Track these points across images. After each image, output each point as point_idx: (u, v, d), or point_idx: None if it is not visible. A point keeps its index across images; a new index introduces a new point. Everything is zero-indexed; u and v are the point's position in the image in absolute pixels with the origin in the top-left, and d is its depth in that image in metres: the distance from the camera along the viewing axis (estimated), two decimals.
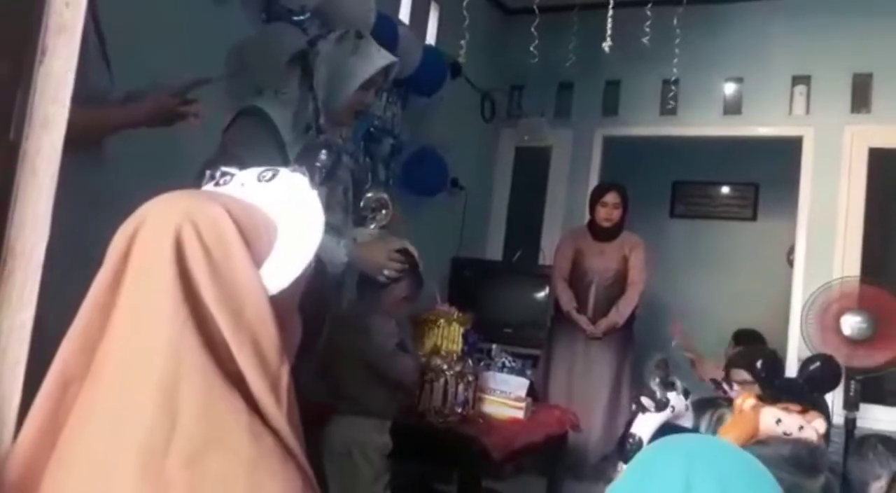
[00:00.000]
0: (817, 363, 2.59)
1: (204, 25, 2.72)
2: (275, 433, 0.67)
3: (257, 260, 0.72)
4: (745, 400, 1.47)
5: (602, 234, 3.79)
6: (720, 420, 1.96)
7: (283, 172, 0.81)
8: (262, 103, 1.88)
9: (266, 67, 2.56)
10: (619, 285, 3.76)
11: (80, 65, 0.86)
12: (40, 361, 0.81)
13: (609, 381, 3.66)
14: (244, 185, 0.81)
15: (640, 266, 3.76)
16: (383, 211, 2.37)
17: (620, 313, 3.69)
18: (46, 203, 0.87)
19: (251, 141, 1.81)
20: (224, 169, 0.83)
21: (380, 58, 1.91)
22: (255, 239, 0.72)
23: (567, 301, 3.75)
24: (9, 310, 0.84)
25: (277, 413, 0.67)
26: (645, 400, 1.70)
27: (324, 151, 1.91)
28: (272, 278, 0.73)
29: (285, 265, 0.74)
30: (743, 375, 2.88)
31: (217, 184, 0.82)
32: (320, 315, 1.95)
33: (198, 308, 0.67)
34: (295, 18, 2.87)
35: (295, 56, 1.93)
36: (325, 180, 1.91)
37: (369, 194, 2.38)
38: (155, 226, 0.70)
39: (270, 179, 0.80)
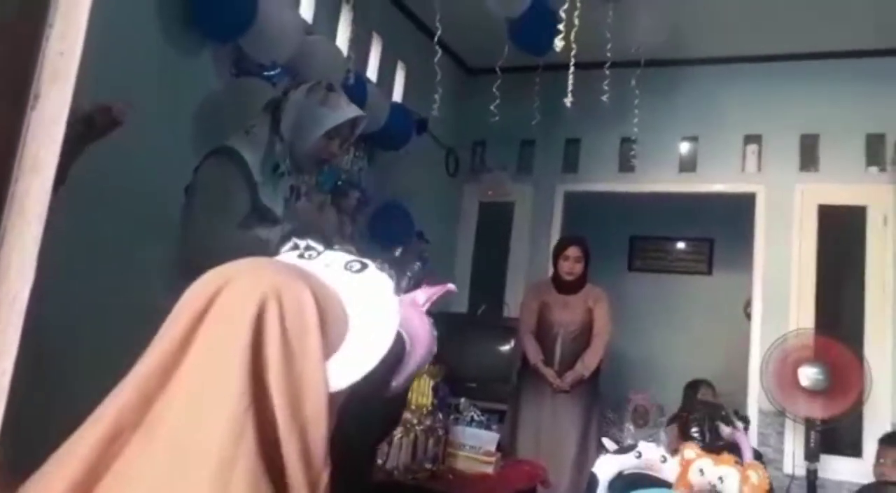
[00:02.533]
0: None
1: (174, 79, 2.73)
2: None
3: (325, 353, 0.70)
4: (684, 450, 1.47)
5: (566, 287, 3.83)
6: None
7: (372, 267, 0.80)
8: (233, 143, 1.91)
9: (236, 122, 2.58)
10: (584, 337, 3.79)
11: None
12: None
13: (576, 434, 3.65)
14: (328, 266, 0.79)
15: (605, 318, 3.81)
16: None
17: (586, 365, 3.71)
18: (33, 247, 0.85)
19: (222, 179, 1.83)
20: (311, 243, 0.82)
21: (348, 110, 1.98)
22: (329, 331, 0.71)
23: (534, 354, 3.75)
24: None
25: None
26: (606, 441, 1.66)
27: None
28: (333, 376, 0.71)
29: (349, 366, 0.72)
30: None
31: (301, 256, 0.81)
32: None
33: (260, 389, 0.64)
34: (265, 74, 2.90)
35: (269, 103, 1.98)
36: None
37: (336, 247, 2.39)
38: (239, 291, 0.67)
39: (358, 271, 0.79)
